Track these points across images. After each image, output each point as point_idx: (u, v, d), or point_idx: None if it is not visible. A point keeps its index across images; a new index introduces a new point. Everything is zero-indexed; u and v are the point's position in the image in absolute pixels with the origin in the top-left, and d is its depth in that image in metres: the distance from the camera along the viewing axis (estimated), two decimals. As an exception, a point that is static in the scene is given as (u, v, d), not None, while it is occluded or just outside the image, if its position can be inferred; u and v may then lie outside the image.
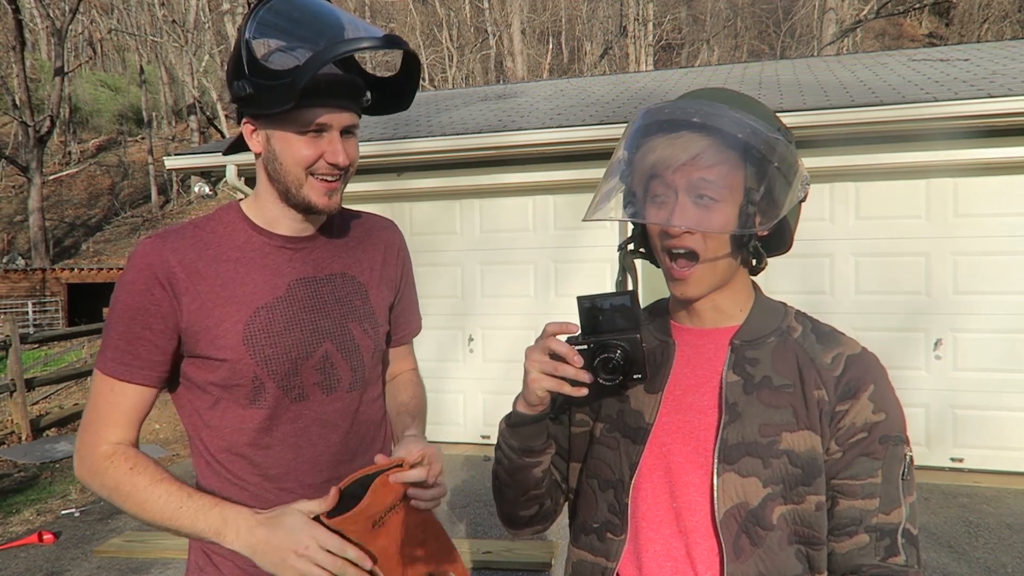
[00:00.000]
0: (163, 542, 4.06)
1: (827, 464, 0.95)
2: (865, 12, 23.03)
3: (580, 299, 0.93)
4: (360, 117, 1.19)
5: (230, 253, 1.18)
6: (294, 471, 1.19)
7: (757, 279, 1.07)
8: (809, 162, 4.93)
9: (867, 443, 0.94)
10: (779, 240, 1.01)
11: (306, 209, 1.18)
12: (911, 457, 0.97)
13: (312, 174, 1.15)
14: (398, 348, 1.43)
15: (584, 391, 0.91)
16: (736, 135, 0.90)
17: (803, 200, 0.97)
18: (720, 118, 0.91)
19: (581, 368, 0.90)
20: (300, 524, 1.01)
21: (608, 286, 5.50)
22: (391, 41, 1.07)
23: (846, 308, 5.07)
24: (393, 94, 1.21)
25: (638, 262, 1.07)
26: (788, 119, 4.75)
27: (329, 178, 1.15)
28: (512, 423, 1.01)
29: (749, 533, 0.93)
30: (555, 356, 0.91)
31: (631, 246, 1.06)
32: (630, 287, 1.02)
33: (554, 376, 0.91)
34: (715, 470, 0.94)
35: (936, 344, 4.94)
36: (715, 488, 0.93)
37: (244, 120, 1.17)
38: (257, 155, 1.19)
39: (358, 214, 1.38)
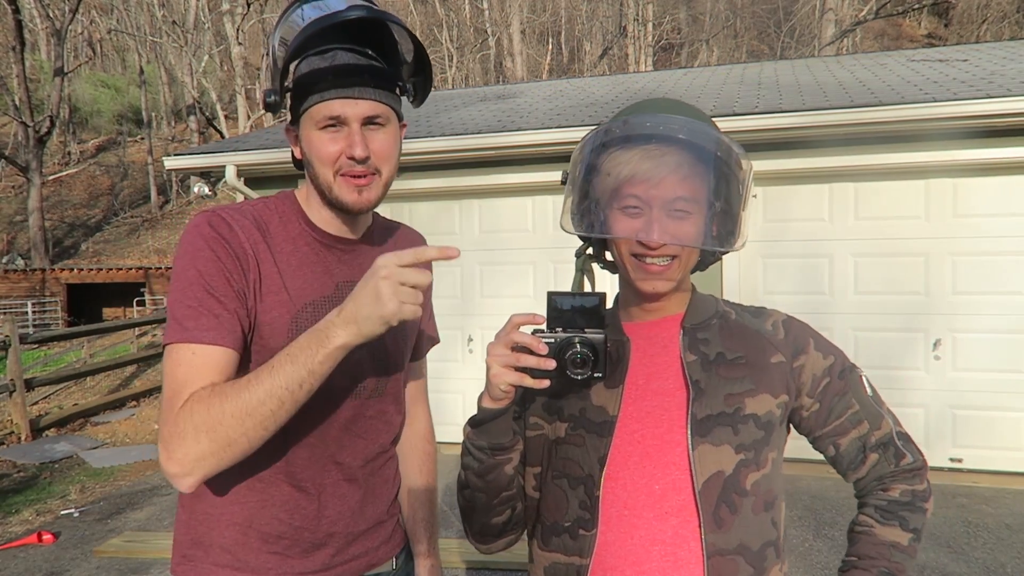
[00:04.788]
0: (163, 542, 4.06)
1: (807, 420, 1.07)
2: (864, 13, 23.05)
3: (551, 295, 0.95)
4: (390, 106, 1.13)
5: (285, 244, 1.17)
6: (309, 469, 1.18)
7: (755, 279, 1.11)
8: (808, 162, 4.95)
9: (832, 384, 1.06)
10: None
11: (342, 209, 1.15)
12: (865, 374, 1.10)
13: (338, 173, 1.11)
14: (412, 364, 1.42)
15: (546, 383, 0.92)
16: (715, 153, 0.98)
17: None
18: (701, 135, 0.97)
19: (546, 356, 0.91)
20: (373, 267, 0.95)
21: (609, 286, 5.50)
22: (379, 12, 1.05)
23: (845, 308, 5.07)
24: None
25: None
26: (787, 119, 4.76)
27: (356, 173, 1.11)
28: (477, 422, 1.01)
29: (728, 501, 0.97)
30: (518, 348, 0.92)
31: (590, 250, 1.11)
32: (587, 289, 1.07)
33: (516, 369, 0.92)
34: (690, 444, 0.98)
35: (935, 344, 4.94)
36: (692, 462, 0.97)
37: (286, 128, 1.18)
38: (298, 161, 1.18)
39: (396, 225, 1.37)
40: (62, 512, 4.79)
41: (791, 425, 1.11)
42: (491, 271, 5.85)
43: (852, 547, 1.09)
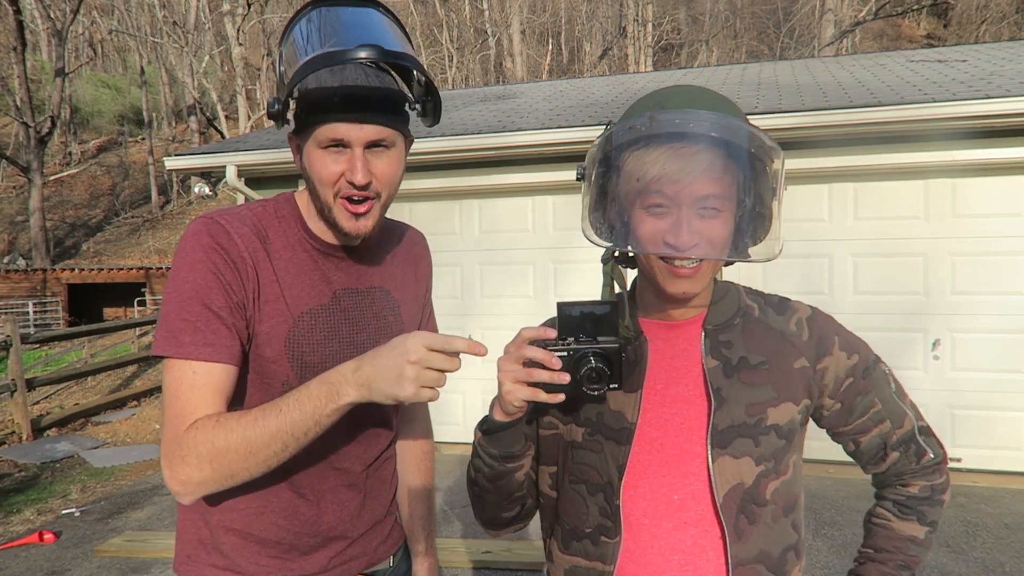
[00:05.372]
0: (163, 542, 4.07)
1: (828, 419, 1.05)
2: (864, 13, 23.07)
3: (560, 305, 0.91)
4: (397, 128, 1.10)
5: (284, 251, 1.15)
6: (309, 476, 1.18)
7: (755, 279, 1.08)
8: (808, 163, 4.95)
9: (855, 384, 1.03)
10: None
11: (339, 232, 1.14)
12: (889, 369, 1.07)
13: (337, 195, 1.08)
14: None
15: (561, 397, 0.88)
16: (749, 149, 0.91)
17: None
18: (733, 131, 0.90)
19: (560, 371, 0.87)
20: (403, 339, 0.95)
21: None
22: (386, 55, 0.99)
23: (844, 308, 5.07)
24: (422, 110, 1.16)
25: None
26: (787, 120, 4.76)
27: (355, 199, 1.08)
28: (488, 431, 0.99)
29: (747, 512, 0.95)
30: (530, 363, 0.88)
31: (616, 253, 1.03)
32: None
33: (529, 384, 0.89)
34: (710, 456, 0.95)
35: (934, 344, 4.95)
36: (712, 474, 0.95)
37: (288, 135, 1.15)
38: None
39: (397, 225, 1.35)
40: (63, 511, 4.80)
41: (811, 419, 1.08)
42: (491, 271, 5.86)
43: (869, 539, 1.09)
